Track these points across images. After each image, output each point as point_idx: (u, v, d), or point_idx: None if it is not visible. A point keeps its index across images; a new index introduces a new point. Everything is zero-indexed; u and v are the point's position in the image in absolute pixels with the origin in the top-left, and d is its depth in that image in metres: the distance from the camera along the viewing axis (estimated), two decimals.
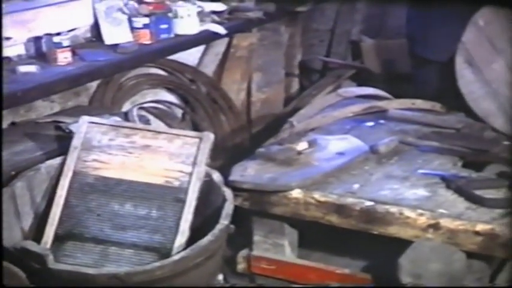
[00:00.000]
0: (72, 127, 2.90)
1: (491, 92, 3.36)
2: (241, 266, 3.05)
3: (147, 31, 3.59)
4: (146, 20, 3.59)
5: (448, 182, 2.80)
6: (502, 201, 2.68)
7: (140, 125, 3.01)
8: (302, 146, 3.01)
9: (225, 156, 3.98)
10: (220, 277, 2.83)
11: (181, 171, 2.71)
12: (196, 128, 4.12)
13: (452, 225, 2.57)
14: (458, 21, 3.44)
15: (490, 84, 3.36)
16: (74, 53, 3.30)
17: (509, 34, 3.30)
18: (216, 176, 2.80)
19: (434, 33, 3.59)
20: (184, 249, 2.52)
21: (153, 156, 2.74)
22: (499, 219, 2.55)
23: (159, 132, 2.81)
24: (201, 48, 4.27)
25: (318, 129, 3.37)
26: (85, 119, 2.82)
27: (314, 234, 2.99)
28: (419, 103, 3.60)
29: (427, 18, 3.64)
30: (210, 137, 2.77)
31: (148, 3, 3.69)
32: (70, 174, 2.72)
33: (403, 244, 2.61)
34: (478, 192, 2.71)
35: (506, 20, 3.29)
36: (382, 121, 3.49)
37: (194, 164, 2.70)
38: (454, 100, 3.53)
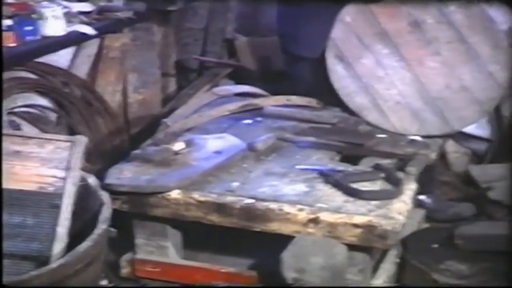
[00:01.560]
0: None
1: (363, 86, 3.43)
2: (125, 271, 3.00)
3: (10, 33, 3.45)
4: (9, 22, 3.46)
5: (326, 176, 2.83)
6: (377, 193, 2.74)
7: (8, 131, 2.90)
8: (179, 146, 2.97)
9: (103, 160, 3.90)
10: (104, 283, 2.77)
11: (54, 177, 2.63)
12: (72, 131, 4.01)
13: (332, 218, 2.60)
14: (327, 17, 3.49)
15: (361, 79, 3.43)
16: None
17: (375, 29, 3.38)
18: (92, 180, 2.75)
19: (305, 31, 3.64)
20: (63, 256, 2.44)
21: (25, 162, 2.65)
22: (376, 211, 2.60)
23: (29, 138, 2.72)
24: (72, 49, 4.16)
25: (194, 129, 3.35)
26: None
27: (199, 235, 2.96)
28: (295, 99, 3.64)
29: (296, 15, 3.68)
30: (82, 140, 2.70)
31: (10, 4, 3.55)
32: None
33: (287, 240, 2.62)
34: (354, 185, 2.75)
35: (371, 16, 3.37)
36: (259, 118, 3.50)
37: (68, 168, 2.63)
38: (328, 95, 3.58)
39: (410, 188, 2.82)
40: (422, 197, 3.41)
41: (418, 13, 3.35)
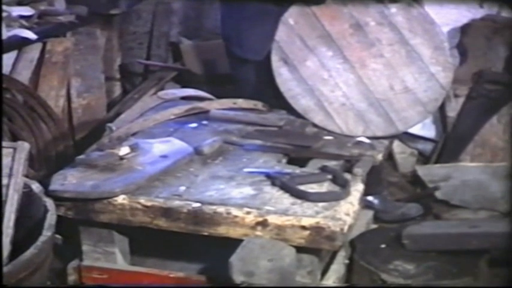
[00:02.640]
0: None
1: (308, 88, 3.43)
2: (72, 278, 2.95)
3: None
4: None
5: (273, 179, 2.83)
6: (324, 194, 2.74)
7: None
8: (124, 150, 2.93)
9: (48, 166, 3.85)
10: None
11: None
12: (15, 138, 3.94)
13: (279, 221, 2.60)
14: (271, 20, 3.48)
15: (306, 81, 3.43)
16: None
17: (319, 32, 3.38)
18: (36, 187, 2.70)
19: (249, 33, 3.62)
20: (7, 264, 2.38)
21: None
22: (323, 213, 2.60)
23: None
24: (13, 54, 4.09)
25: (140, 133, 3.31)
26: None
27: (147, 240, 2.93)
28: (241, 102, 3.62)
29: (240, 18, 3.66)
30: (24, 146, 2.65)
31: None
32: None
33: (235, 243, 2.60)
34: (301, 188, 2.75)
35: (314, 18, 3.38)
36: (205, 122, 3.48)
37: (10, 175, 2.57)
38: (274, 98, 3.58)
39: (357, 189, 2.82)
40: (370, 198, 3.44)
41: (360, 15, 3.36)
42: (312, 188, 2.77)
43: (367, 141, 3.32)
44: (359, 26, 3.36)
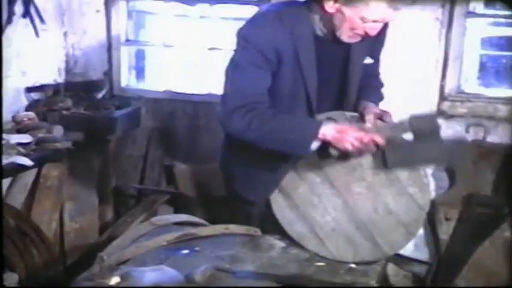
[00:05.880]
0: None
1: (301, 215, 3.45)
2: None
3: None
4: None
5: None
6: None
7: None
8: (114, 280, 2.91)
9: None
10: None
11: None
12: (5, 263, 3.92)
13: None
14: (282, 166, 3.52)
15: (298, 208, 3.45)
16: None
17: (308, 160, 3.42)
18: None
19: (256, 176, 3.65)
20: None
21: None
22: None
23: None
24: (8, 179, 4.13)
25: (131, 261, 3.28)
26: None
27: None
28: (233, 228, 3.61)
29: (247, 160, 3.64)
30: (13, 278, 2.63)
31: None
32: None
33: None
34: None
35: None
36: (197, 248, 3.46)
37: None
38: (270, 223, 3.57)
39: None
40: None
41: None
42: None
43: (360, 267, 3.30)
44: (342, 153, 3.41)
